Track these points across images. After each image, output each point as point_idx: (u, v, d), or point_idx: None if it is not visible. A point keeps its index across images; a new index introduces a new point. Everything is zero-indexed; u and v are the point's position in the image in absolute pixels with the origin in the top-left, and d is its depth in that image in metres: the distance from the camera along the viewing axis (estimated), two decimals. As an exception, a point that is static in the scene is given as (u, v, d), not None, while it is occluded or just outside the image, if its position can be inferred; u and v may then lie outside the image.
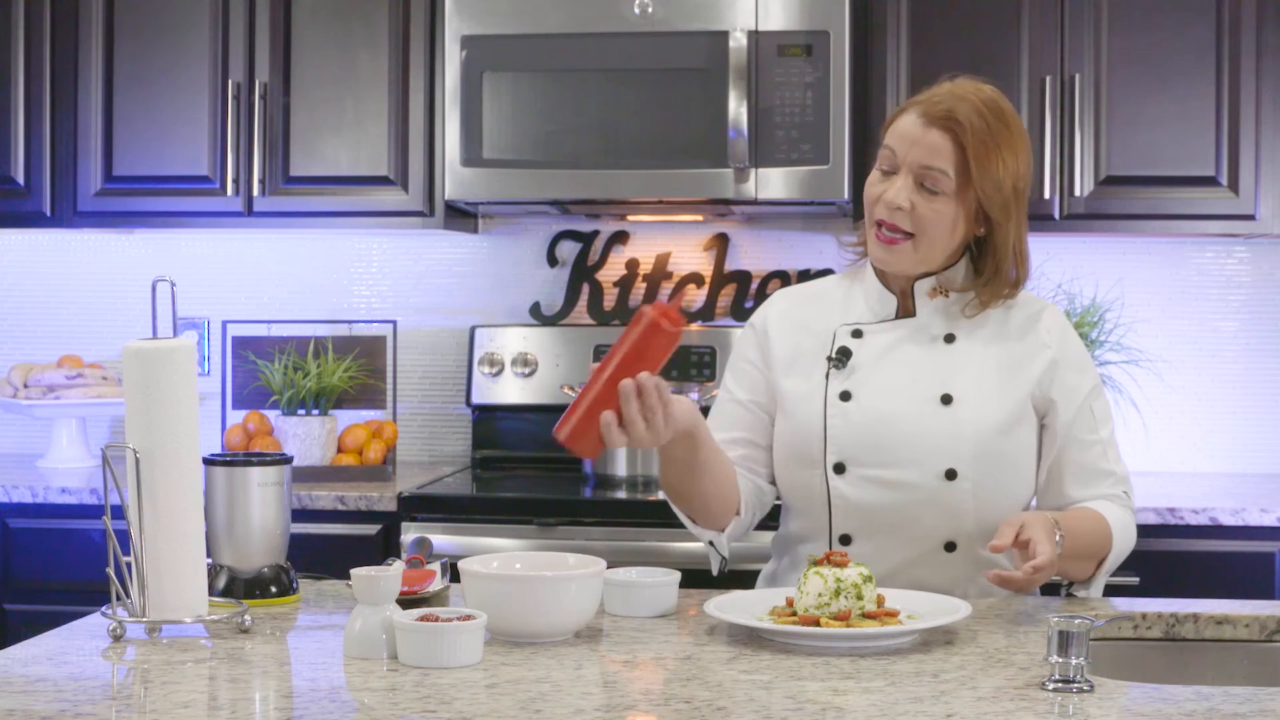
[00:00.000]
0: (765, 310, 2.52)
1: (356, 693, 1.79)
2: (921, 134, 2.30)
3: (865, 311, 2.43)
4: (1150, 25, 3.70)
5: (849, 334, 2.41)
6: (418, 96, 3.85)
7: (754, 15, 3.66)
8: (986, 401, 2.34)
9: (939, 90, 2.34)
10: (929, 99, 2.32)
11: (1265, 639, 2.20)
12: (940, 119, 2.29)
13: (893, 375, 2.37)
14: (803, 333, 2.44)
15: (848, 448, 2.35)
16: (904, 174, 2.32)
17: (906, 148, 2.31)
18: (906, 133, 2.32)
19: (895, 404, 2.35)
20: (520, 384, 4.08)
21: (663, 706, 1.74)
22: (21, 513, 3.64)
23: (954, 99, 2.31)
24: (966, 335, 2.39)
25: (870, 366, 2.38)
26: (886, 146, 2.34)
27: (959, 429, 2.32)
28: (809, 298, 2.51)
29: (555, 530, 3.45)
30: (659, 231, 4.18)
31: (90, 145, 3.93)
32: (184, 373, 2.08)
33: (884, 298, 2.42)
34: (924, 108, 2.32)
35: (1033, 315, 2.42)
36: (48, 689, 1.79)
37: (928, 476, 2.32)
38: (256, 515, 2.28)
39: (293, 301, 4.26)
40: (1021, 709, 1.72)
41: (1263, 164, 3.67)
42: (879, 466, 2.33)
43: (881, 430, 2.34)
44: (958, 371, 2.36)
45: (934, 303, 2.40)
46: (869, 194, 2.36)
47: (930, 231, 2.32)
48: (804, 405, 2.39)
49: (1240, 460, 4.05)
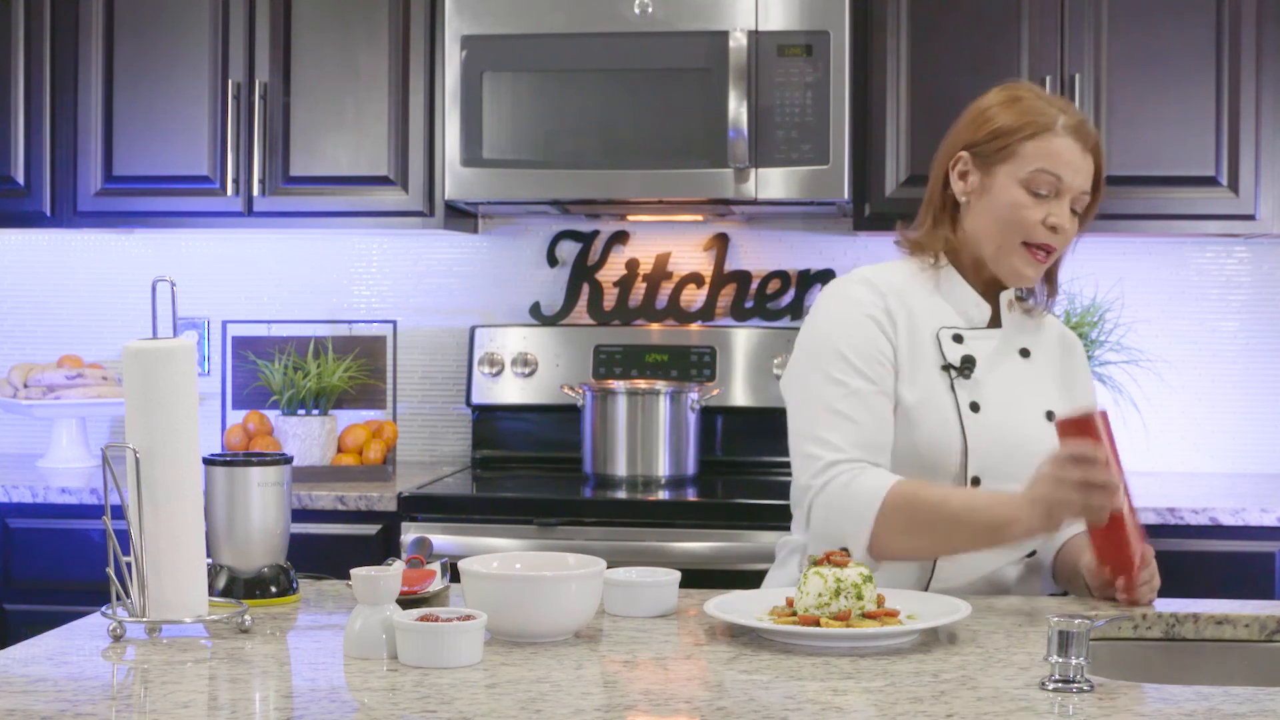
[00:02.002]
0: (879, 300, 2.38)
1: (356, 693, 1.79)
2: (1083, 159, 2.35)
3: (955, 315, 2.40)
4: (1150, 25, 3.70)
5: (951, 338, 2.38)
6: (418, 96, 3.85)
7: (754, 15, 3.66)
8: None
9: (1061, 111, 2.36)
10: (1078, 126, 2.35)
11: (1265, 639, 2.20)
12: (1093, 144, 2.36)
13: (1002, 388, 2.38)
14: (906, 330, 2.38)
15: (983, 460, 2.34)
16: (1064, 198, 2.34)
17: (1071, 174, 2.34)
18: (1072, 161, 2.34)
19: (1014, 417, 2.37)
20: (520, 384, 4.08)
21: (663, 706, 1.74)
22: (21, 513, 3.64)
23: (1084, 121, 2.37)
24: (1035, 351, 2.45)
25: (984, 377, 2.37)
26: (1046, 171, 2.33)
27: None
28: (903, 291, 2.41)
29: (555, 530, 3.45)
30: (659, 231, 4.18)
31: (90, 145, 3.93)
32: (184, 373, 2.08)
33: (980, 305, 2.41)
34: (1076, 131, 2.35)
35: (1061, 332, 2.52)
36: (48, 689, 1.79)
37: None
38: (256, 515, 2.28)
39: (293, 301, 4.26)
40: (1021, 709, 1.72)
41: (1263, 164, 3.68)
42: (1007, 480, 2.30)
43: (1010, 443, 2.34)
44: (1046, 387, 2.42)
45: (1012, 315, 2.43)
46: (1024, 217, 2.34)
47: (1065, 247, 2.40)
48: (932, 414, 2.34)
49: (1240, 460, 4.05)
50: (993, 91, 2.43)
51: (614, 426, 3.80)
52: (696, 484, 3.79)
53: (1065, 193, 2.34)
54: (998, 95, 2.41)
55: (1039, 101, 2.37)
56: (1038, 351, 2.44)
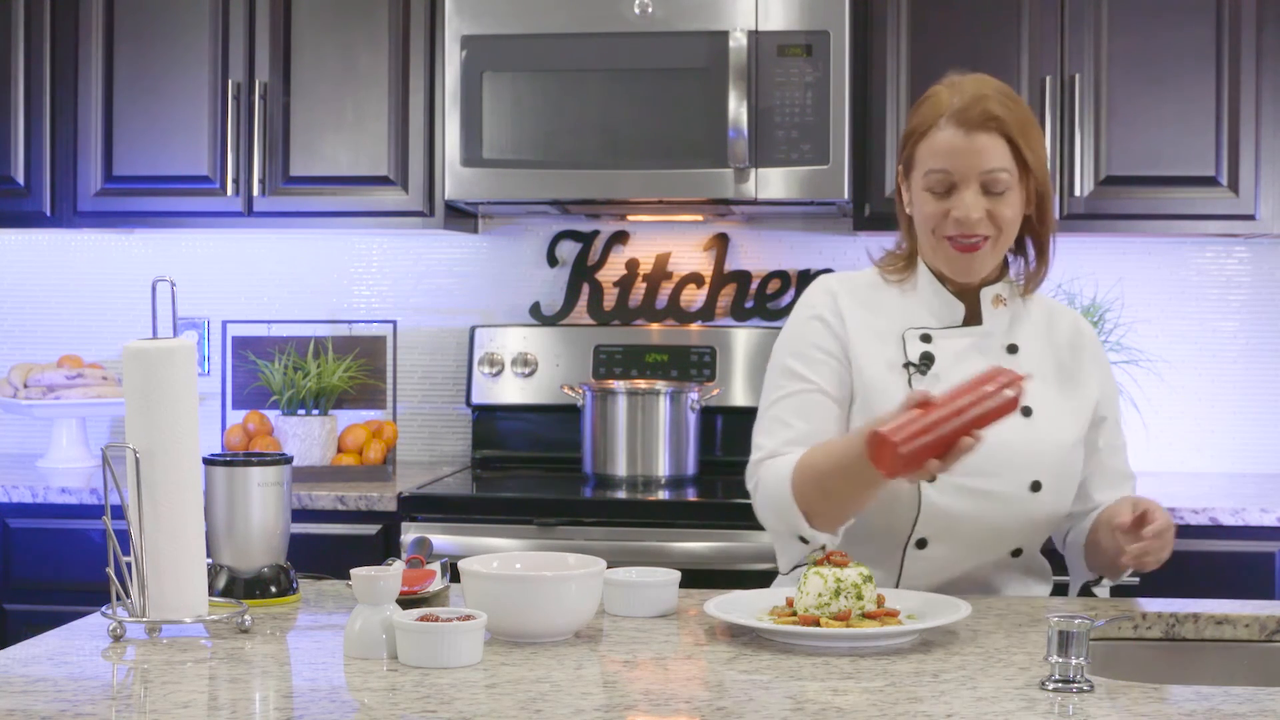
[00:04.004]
0: (829, 300, 2.42)
1: (356, 693, 1.79)
2: (968, 143, 2.29)
3: (927, 316, 2.41)
4: (1150, 25, 3.70)
5: (918, 338, 2.39)
6: (418, 96, 3.85)
7: (754, 15, 3.66)
8: (1060, 415, 2.38)
9: (956, 95, 2.32)
10: (960, 109, 2.30)
11: (1265, 639, 2.20)
12: (980, 122, 2.29)
13: None
14: (871, 331, 2.40)
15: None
16: (968, 187, 2.31)
17: (960, 163, 2.30)
18: (953, 148, 2.30)
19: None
20: (520, 384, 4.08)
21: (663, 706, 1.74)
22: (21, 513, 3.64)
23: (977, 98, 2.30)
24: (1026, 345, 2.42)
25: (948, 374, 2.36)
26: (934, 170, 2.31)
27: (1040, 442, 2.35)
28: (865, 293, 2.44)
29: (555, 530, 3.45)
30: (659, 231, 4.18)
31: (90, 145, 3.93)
32: (184, 373, 2.08)
33: (951, 304, 2.40)
34: (957, 118, 2.30)
35: (1072, 324, 2.48)
36: (48, 689, 1.79)
37: (1014, 487, 2.34)
38: (256, 515, 2.28)
39: (293, 301, 4.27)
40: (1021, 709, 1.72)
41: (1263, 164, 3.67)
42: (970, 475, 2.29)
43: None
44: (1028, 383, 2.38)
45: (997, 311, 2.41)
46: (928, 214, 2.33)
47: (1008, 228, 2.34)
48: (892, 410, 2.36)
49: (1240, 460, 4.05)
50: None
51: (614, 426, 3.80)
52: (696, 484, 3.79)
53: (961, 184, 2.30)
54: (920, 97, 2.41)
55: (940, 95, 2.34)
56: (1030, 347, 2.42)
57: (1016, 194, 2.33)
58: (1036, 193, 2.36)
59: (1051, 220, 2.40)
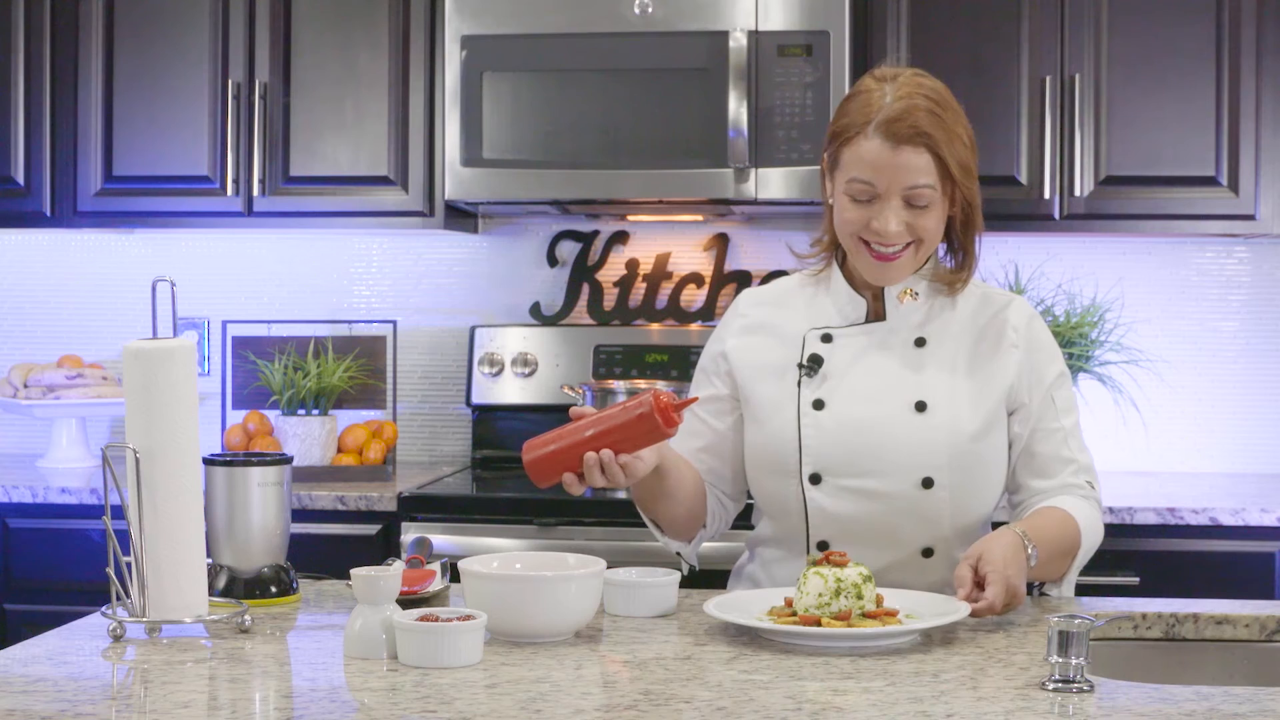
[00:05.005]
0: (735, 317, 2.47)
1: (356, 693, 1.79)
2: (893, 157, 2.25)
3: (834, 315, 2.40)
4: (1150, 25, 3.70)
5: (818, 339, 2.38)
6: (418, 96, 3.85)
7: (754, 15, 3.66)
8: (960, 407, 2.32)
9: (887, 96, 2.27)
10: (887, 121, 2.25)
11: (1265, 639, 2.20)
12: (908, 137, 2.25)
13: (865, 382, 2.35)
14: (770, 338, 2.41)
15: (823, 458, 2.32)
16: (889, 200, 2.27)
17: (884, 177, 2.26)
18: (878, 161, 2.26)
19: (869, 411, 2.33)
20: (520, 384, 4.08)
21: (663, 706, 1.74)
22: (21, 513, 3.64)
23: (907, 109, 2.25)
24: (936, 338, 2.37)
25: (842, 373, 2.35)
26: (857, 180, 2.27)
27: (934, 437, 2.31)
28: (774, 300, 2.46)
29: (555, 530, 3.45)
30: (659, 231, 4.18)
31: (90, 145, 3.93)
32: (184, 373, 2.08)
33: (854, 301, 2.39)
34: (884, 129, 2.25)
35: (999, 311, 2.39)
36: (48, 689, 1.79)
37: (904, 485, 2.30)
38: (256, 515, 2.28)
39: (293, 301, 4.26)
40: (1021, 709, 1.72)
41: (1263, 164, 3.67)
42: (855, 476, 2.31)
43: (856, 439, 2.32)
44: (930, 377, 2.34)
45: (904, 305, 2.37)
46: (849, 219, 2.30)
47: (930, 238, 2.31)
48: (776, 414, 2.36)
49: (1240, 460, 4.05)
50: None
51: (614, 426, 3.79)
52: (696, 484, 3.79)
53: (884, 196, 2.27)
54: (851, 91, 2.37)
55: (870, 94, 2.30)
56: (941, 339, 2.37)
57: (940, 206, 2.29)
58: (963, 198, 2.31)
59: (977, 224, 2.35)
